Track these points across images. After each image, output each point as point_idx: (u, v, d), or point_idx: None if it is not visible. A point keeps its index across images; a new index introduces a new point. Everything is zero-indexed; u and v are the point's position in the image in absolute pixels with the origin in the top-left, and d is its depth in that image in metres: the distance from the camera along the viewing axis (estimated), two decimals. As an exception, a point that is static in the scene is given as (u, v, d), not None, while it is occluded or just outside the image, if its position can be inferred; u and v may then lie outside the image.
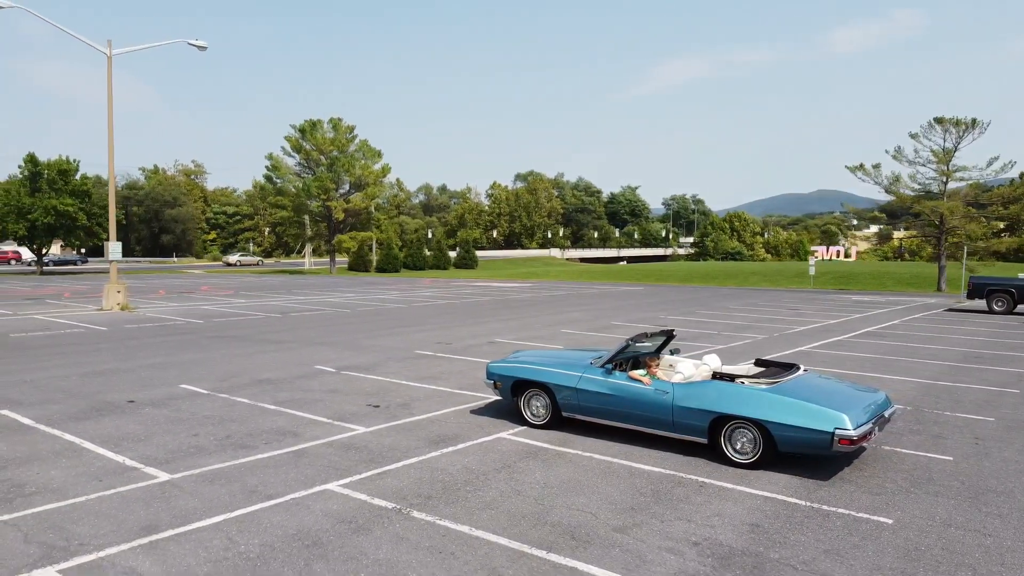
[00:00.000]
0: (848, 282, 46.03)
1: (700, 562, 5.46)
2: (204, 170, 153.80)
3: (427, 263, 78.81)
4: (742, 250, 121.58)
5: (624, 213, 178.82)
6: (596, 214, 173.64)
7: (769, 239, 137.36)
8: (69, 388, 11.41)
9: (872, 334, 19.00)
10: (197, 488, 6.93)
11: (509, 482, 7.21)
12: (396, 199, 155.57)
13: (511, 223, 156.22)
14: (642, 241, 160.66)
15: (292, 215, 63.73)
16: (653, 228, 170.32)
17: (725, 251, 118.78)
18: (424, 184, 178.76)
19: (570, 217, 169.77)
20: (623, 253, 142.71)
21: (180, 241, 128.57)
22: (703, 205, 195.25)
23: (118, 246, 24.18)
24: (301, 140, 62.63)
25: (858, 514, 6.42)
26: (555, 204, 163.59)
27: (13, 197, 53.90)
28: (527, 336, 18.20)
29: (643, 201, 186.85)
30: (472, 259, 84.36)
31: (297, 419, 9.59)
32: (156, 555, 5.47)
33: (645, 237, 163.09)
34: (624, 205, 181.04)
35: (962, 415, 10.09)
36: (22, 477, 7.19)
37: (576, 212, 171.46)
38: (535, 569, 5.33)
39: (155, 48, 26.00)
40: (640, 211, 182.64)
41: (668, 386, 8.12)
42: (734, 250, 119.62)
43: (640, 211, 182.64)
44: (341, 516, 6.27)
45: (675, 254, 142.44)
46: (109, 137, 24.19)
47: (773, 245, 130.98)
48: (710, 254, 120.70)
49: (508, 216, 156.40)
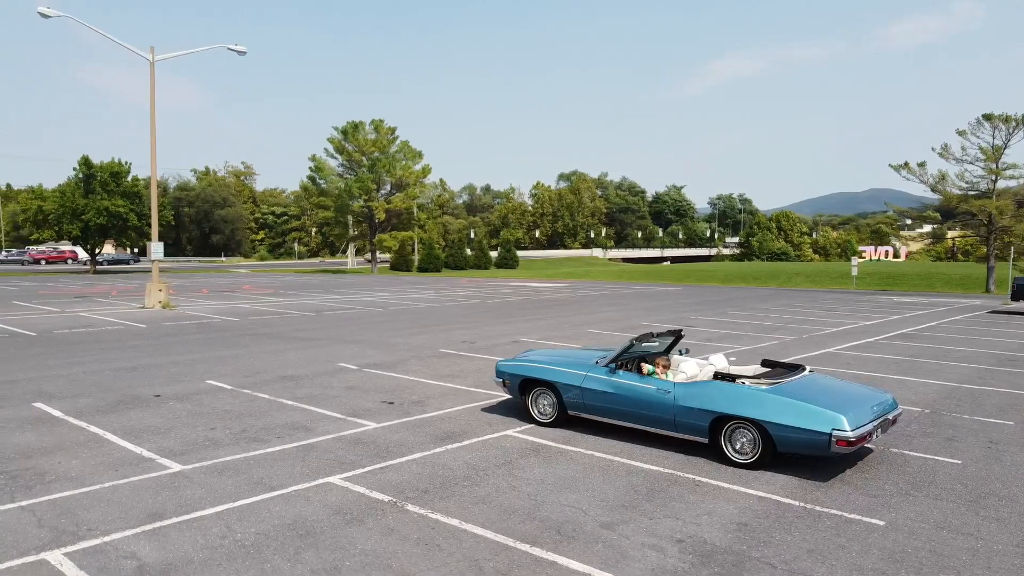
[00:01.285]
0: (894, 283, 45.03)
1: (680, 559, 5.52)
2: (253, 171, 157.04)
3: (468, 263, 79.35)
4: (788, 250, 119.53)
5: (669, 213, 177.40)
6: (640, 214, 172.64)
7: (818, 239, 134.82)
8: (101, 382, 11.89)
9: (905, 336, 18.64)
10: (206, 479, 7.22)
11: (507, 478, 7.34)
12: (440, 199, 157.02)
13: (554, 223, 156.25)
14: (687, 241, 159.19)
15: (335, 215, 64.78)
16: (698, 228, 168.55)
17: (771, 251, 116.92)
18: (468, 184, 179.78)
19: (613, 217, 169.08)
20: (667, 253, 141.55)
21: (229, 241, 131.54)
22: (750, 204, 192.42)
23: (160, 246, 24.95)
24: (343, 141, 63.63)
25: (850, 515, 6.40)
26: (598, 204, 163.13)
27: (68, 198, 55.88)
28: (553, 336, 18.30)
29: (688, 201, 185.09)
30: (513, 259, 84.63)
31: (312, 415, 9.86)
32: (157, 541, 5.74)
33: (690, 237, 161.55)
34: (669, 205, 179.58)
35: (981, 419, 9.91)
36: (44, 466, 7.57)
37: (620, 212, 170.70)
38: (515, 562, 5.45)
39: (209, 52, 26.72)
40: (685, 211, 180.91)
41: (670, 385, 8.16)
42: (780, 250, 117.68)
43: (685, 211, 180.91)
44: (338, 508, 6.48)
45: (719, 254, 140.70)
46: (152, 140, 24.99)
47: (822, 245, 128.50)
48: (755, 254, 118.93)
49: (551, 216, 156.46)
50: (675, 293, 36.89)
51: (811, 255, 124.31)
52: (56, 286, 39.33)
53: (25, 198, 67.30)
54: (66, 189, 57.36)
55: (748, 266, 75.35)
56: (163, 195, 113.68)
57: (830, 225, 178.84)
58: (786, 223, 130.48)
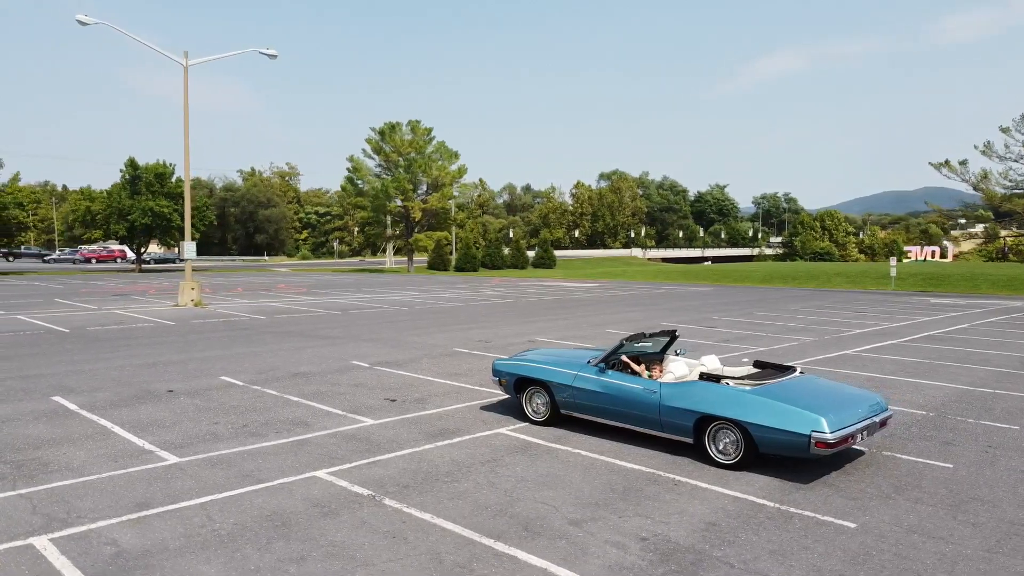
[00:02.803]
0: (937, 284, 43.90)
1: (640, 556, 5.59)
2: (297, 171, 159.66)
3: (505, 262, 79.54)
4: (832, 250, 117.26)
5: (711, 212, 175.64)
6: (682, 213, 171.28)
7: (864, 239, 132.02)
8: (120, 378, 12.33)
9: (932, 338, 18.26)
10: (198, 471, 7.49)
11: (488, 475, 7.47)
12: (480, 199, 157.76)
13: (594, 223, 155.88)
14: (729, 241, 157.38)
15: (371, 215, 65.60)
16: (741, 228, 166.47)
17: (814, 251, 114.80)
18: (507, 184, 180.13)
19: (654, 216, 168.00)
20: (707, 253, 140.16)
21: (273, 240, 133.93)
22: (795, 203, 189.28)
23: (192, 246, 25.64)
24: (381, 142, 64.39)
25: (823, 517, 6.39)
26: (639, 203, 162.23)
27: (115, 199, 57.58)
28: (571, 336, 18.36)
29: (731, 200, 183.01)
30: (550, 259, 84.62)
31: (314, 411, 10.12)
32: (138, 529, 6.00)
33: (732, 237, 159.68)
34: (711, 204, 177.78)
35: (986, 423, 9.72)
36: (49, 456, 7.93)
37: (661, 211, 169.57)
38: (477, 556, 5.58)
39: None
40: (728, 210, 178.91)
41: (656, 385, 8.20)
42: (823, 250, 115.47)
43: (728, 210, 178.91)
44: (317, 501, 6.69)
45: (761, 254, 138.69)
46: (185, 143, 25.68)
47: (868, 245, 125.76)
48: (798, 254, 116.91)
49: (591, 216, 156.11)
50: (706, 293, 36.57)
51: (856, 255, 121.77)
52: (99, 284, 40.59)
53: (75, 199, 69.57)
54: (113, 190, 59.12)
55: (787, 266, 74.11)
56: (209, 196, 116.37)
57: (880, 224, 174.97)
58: (830, 222, 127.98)
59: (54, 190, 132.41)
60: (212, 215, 67.18)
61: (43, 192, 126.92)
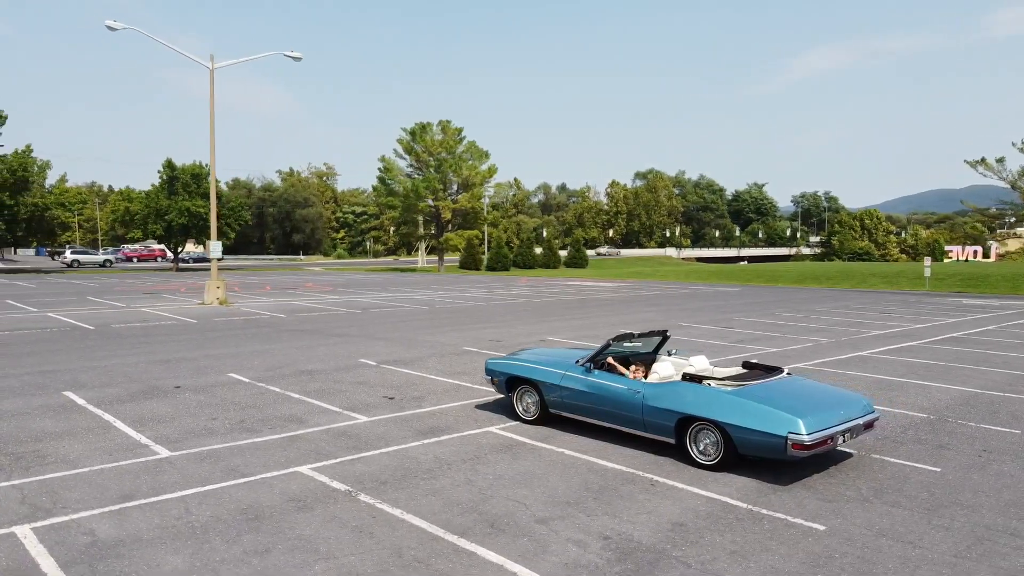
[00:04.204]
0: (975, 285, 42.87)
1: (598, 555, 5.63)
2: (335, 172, 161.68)
3: (537, 262, 79.58)
4: (871, 250, 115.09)
5: (749, 211, 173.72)
6: (719, 212, 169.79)
7: (907, 238, 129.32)
8: (132, 374, 12.68)
9: (954, 340, 17.88)
10: (186, 465, 7.70)
11: (468, 472, 7.56)
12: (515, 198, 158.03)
13: (629, 222, 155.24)
14: (767, 240, 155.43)
15: (402, 214, 66.17)
16: (779, 227, 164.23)
17: (852, 251, 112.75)
18: (543, 183, 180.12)
19: (691, 216, 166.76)
20: (743, 253, 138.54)
21: (309, 240, 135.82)
22: (836, 202, 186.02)
23: (218, 245, 26.20)
24: (412, 142, 64.88)
25: (793, 519, 6.35)
26: (675, 203, 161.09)
27: (153, 200, 58.96)
28: (584, 335, 18.36)
29: (770, 199, 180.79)
30: (582, 258, 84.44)
31: (312, 407, 10.30)
32: (116, 520, 6.20)
33: (771, 236, 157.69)
34: (749, 203, 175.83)
35: (988, 426, 9.53)
36: (48, 449, 8.22)
37: (697, 211, 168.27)
38: (437, 551, 5.67)
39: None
40: (766, 209, 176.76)
41: (640, 385, 8.21)
42: (862, 250, 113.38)
43: (766, 209, 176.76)
44: (294, 495, 6.84)
45: (798, 253, 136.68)
46: (211, 143, 26.21)
47: (911, 244, 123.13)
48: (836, 254, 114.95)
49: (626, 215, 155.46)
50: (732, 293, 36.20)
51: (897, 255, 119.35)
52: (134, 283, 41.59)
53: (114, 199, 71.36)
54: (152, 191, 60.56)
55: (821, 266, 72.97)
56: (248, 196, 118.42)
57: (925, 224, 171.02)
58: (870, 221, 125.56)
59: (100, 191, 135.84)
60: (247, 215, 68.38)
61: (89, 193, 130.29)
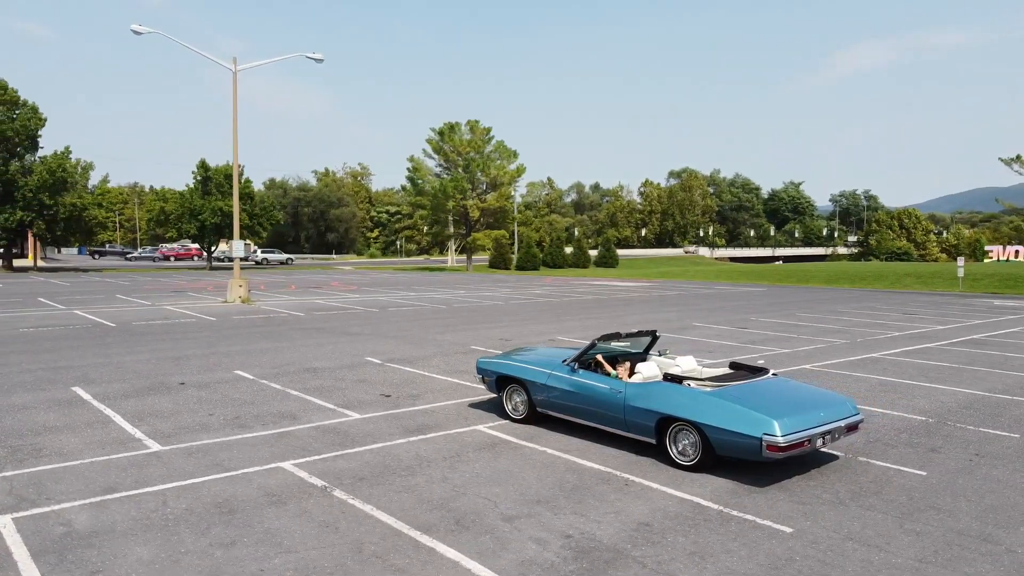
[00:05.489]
0: (1011, 286, 41.77)
1: (556, 553, 5.65)
2: (369, 171, 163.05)
3: (566, 261, 79.42)
4: (909, 249, 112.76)
5: (785, 211, 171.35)
6: (754, 212, 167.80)
7: (948, 238, 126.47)
8: (142, 370, 12.98)
9: (974, 342, 17.50)
10: (173, 459, 7.89)
11: (446, 470, 7.63)
12: (547, 197, 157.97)
13: (663, 221, 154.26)
14: (804, 240, 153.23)
15: (430, 214, 66.56)
16: (816, 226, 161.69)
17: (890, 251, 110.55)
18: (576, 182, 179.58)
19: (725, 215, 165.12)
20: (779, 252, 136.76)
21: (343, 239, 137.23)
22: (876, 201, 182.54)
23: (240, 244, 26.64)
24: (440, 142, 65.23)
25: (762, 521, 6.30)
26: (709, 202, 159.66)
27: (187, 200, 60.13)
28: (594, 334, 18.26)
29: (807, 198, 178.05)
30: (612, 258, 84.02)
31: (308, 404, 10.46)
32: (94, 511, 6.38)
33: (807, 236, 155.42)
34: (786, 202, 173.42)
35: (986, 430, 9.34)
36: (45, 442, 8.47)
37: (732, 210, 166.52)
38: (397, 547, 5.75)
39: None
40: (803, 208, 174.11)
41: (622, 385, 8.21)
42: (900, 250, 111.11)
43: (803, 208, 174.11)
44: (270, 490, 6.97)
45: (834, 253, 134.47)
46: (234, 147, 26.66)
47: (952, 244, 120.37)
48: (874, 254, 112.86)
49: (660, 214, 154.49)
50: (756, 294, 35.78)
51: (937, 255, 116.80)
52: (166, 281, 42.45)
53: (150, 199, 72.89)
54: (186, 191, 61.77)
55: (855, 266, 71.69)
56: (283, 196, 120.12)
57: (969, 223, 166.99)
58: (908, 221, 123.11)
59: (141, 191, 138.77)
60: (279, 215, 69.34)
61: (131, 193, 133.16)
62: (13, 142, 50.04)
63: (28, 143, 51.11)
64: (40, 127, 51.17)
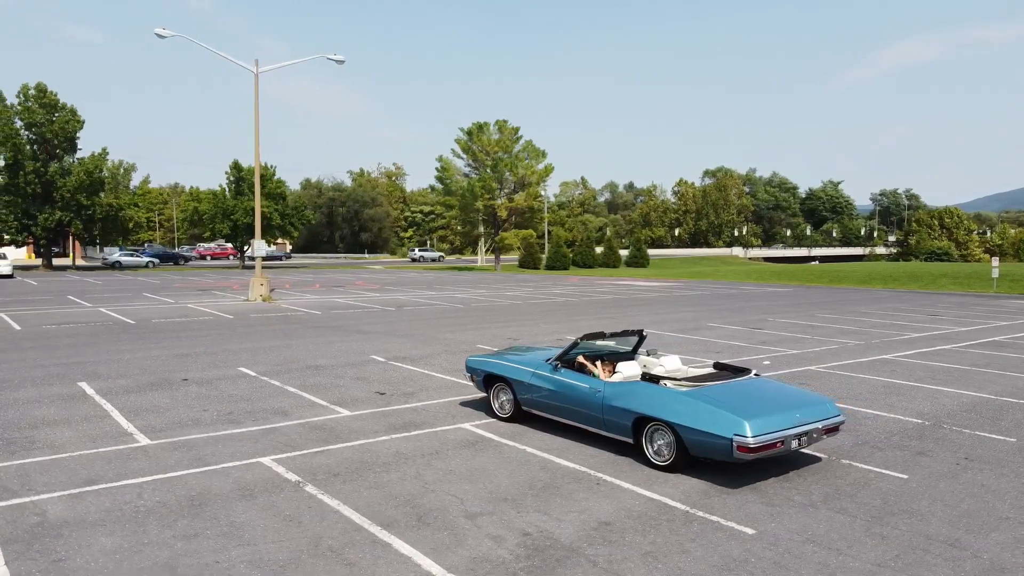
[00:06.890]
0: (1050, 286, 40.63)
1: (510, 551, 5.67)
2: (403, 171, 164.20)
3: (596, 261, 79.07)
4: (950, 249, 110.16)
5: (823, 210, 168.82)
6: (791, 211, 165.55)
7: (992, 237, 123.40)
8: (148, 366, 13.27)
9: (995, 344, 17.07)
10: (159, 453, 8.06)
11: (421, 467, 7.69)
12: (580, 197, 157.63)
13: (697, 221, 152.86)
14: (842, 239, 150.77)
15: (459, 214, 66.84)
16: (855, 226, 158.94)
17: (929, 250, 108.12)
18: (609, 182, 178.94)
19: (761, 215, 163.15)
20: (814, 252, 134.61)
21: (377, 239, 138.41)
22: (917, 200, 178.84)
23: (261, 244, 27.04)
24: (469, 142, 65.45)
25: (725, 523, 6.25)
26: (745, 201, 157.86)
27: (220, 200, 61.21)
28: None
29: (846, 197, 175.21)
30: (643, 258, 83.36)
31: (302, 401, 10.61)
32: (70, 503, 6.56)
33: (846, 235, 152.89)
34: (824, 202, 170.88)
35: (982, 434, 9.12)
36: (40, 435, 8.71)
37: (768, 209, 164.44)
38: (354, 542, 5.81)
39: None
40: (842, 208, 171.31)
41: (601, 384, 8.19)
42: (940, 250, 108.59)
43: (842, 208, 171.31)
44: (244, 484, 7.09)
45: (872, 253, 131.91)
46: (255, 148, 27.08)
47: (996, 244, 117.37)
48: (913, 254, 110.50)
49: (694, 214, 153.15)
50: (780, 294, 35.29)
51: (979, 255, 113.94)
52: (194, 280, 43.26)
53: (184, 200, 74.31)
54: (219, 192, 62.92)
55: (891, 266, 70.32)
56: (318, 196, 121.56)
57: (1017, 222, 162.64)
58: (949, 220, 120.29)
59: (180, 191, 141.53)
60: (311, 215, 70.20)
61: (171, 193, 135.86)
62: (52, 144, 51.44)
63: (67, 145, 52.52)
64: (78, 129, 52.53)
